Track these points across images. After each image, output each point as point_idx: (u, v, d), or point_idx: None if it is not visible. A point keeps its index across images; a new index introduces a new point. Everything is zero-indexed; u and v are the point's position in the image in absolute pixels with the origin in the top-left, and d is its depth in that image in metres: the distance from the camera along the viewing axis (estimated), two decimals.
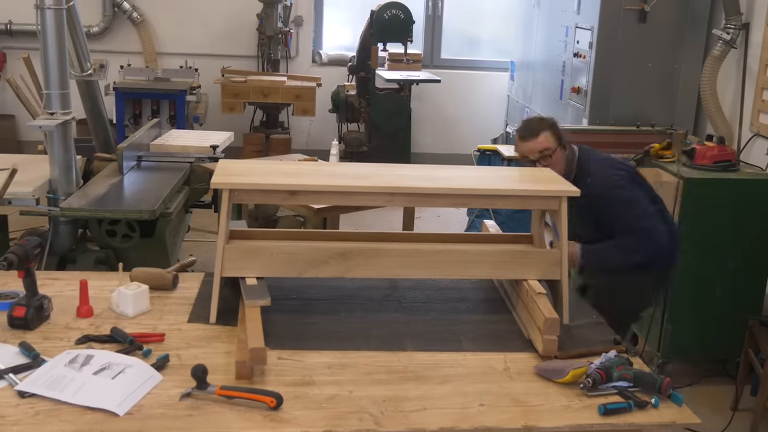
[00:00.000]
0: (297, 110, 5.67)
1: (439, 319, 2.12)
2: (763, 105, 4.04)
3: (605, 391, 1.75)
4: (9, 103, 6.03)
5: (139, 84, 5.43)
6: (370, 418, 1.62)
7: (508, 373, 1.84)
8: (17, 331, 1.90)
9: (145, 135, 3.80)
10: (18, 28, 6.01)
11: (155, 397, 1.65)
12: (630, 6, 4.31)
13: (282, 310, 2.09)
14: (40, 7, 2.89)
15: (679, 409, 1.72)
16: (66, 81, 3.02)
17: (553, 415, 1.67)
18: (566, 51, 4.86)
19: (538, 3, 5.52)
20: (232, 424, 1.57)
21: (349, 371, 1.81)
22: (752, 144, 4.09)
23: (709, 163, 3.24)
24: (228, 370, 1.76)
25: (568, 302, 2.09)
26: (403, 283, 2.33)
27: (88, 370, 1.70)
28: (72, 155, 3.11)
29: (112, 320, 1.99)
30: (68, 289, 2.15)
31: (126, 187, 3.28)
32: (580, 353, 1.90)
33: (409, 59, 5.91)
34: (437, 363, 1.87)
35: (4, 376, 1.68)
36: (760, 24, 4.09)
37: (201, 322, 2.01)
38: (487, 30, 6.95)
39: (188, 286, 2.24)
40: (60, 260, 3.09)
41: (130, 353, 1.80)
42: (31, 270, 1.95)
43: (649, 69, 4.44)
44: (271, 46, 5.91)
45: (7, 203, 2.94)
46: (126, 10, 6.15)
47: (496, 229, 2.47)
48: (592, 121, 4.46)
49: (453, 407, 1.68)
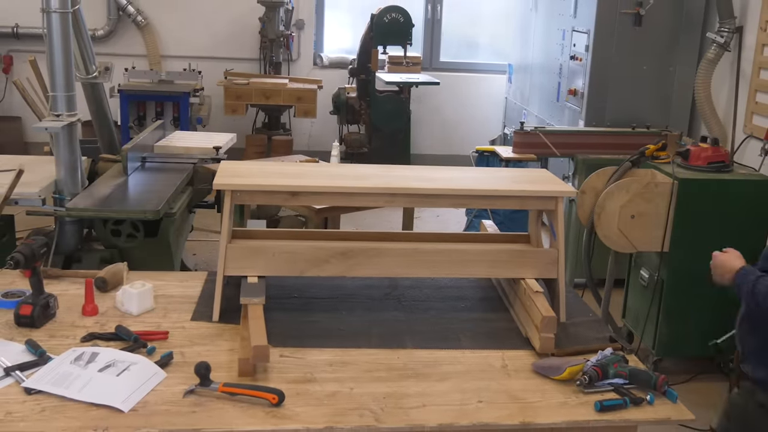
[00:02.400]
0: (298, 112, 5.70)
1: (439, 318, 2.13)
2: (757, 107, 4.07)
3: (601, 388, 1.75)
4: (16, 105, 6.08)
5: (144, 86, 5.46)
6: (371, 414, 1.63)
7: (505, 370, 1.85)
8: (24, 329, 1.91)
9: (149, 136, 3.82)
10: (24, 32, 6.06)
11: (159, 393, 1.66)
12: (625, 10, 4.34)
13: (284, 308, 2.11)
14: (46, 11, 2.90)
15: (673, 405, 1.73)
16: (71, 83, 3.03)
17: (550, 411, 1.68)
18: (563, 54, 4.87)
19: (535, 7, 5.54)
20: (234, 420, 1.58)
21: (349, 368, 1.82)
22: (746, 145, 4.10)
23: (704, 164, 3.24)
24: (231, 367, 1.77)
25: (564, 300, 2.12)
26: (402, 282, 2.35)
27: (93, 367, 1.71)
28: (77, 156, 3.12)
29: (117, 318, 2.00)
30: (74, 288, 2.17)
31: (130, 188, 3.29)
32: (577, 351, 1.92)
33: (408, 62, 5.94)
34: (436, 360, 1.88)
35: (11, 373, 1.69)
36: (754, 27, 4.12)
37: (204, 320, 2.02)
38: (485, 33, 6.98)
39: (192, 284, 2.25)
40: (66, 259, 3.09)
41: (135, 351, 1.81)
42: (37, 269, 1.96)
43: (645, 71, 4.46)
44: (273, 49, 5.94)
45: (14, 203, 2.94)
46: (130, 14, 6.19)
47: (494, 228, 2.48)
48: (589, 123, 4.48)
49: (452, 404, 1.69)
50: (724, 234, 3.19)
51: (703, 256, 3.19)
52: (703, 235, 3.18)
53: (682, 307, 3.26)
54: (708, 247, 3.17)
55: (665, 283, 3.25)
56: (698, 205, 3.15)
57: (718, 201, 3.17)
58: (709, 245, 3.18)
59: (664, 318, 3.28)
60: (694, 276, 3.22)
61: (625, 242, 3.16)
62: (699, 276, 3.22)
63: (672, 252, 3.18)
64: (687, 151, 3.29)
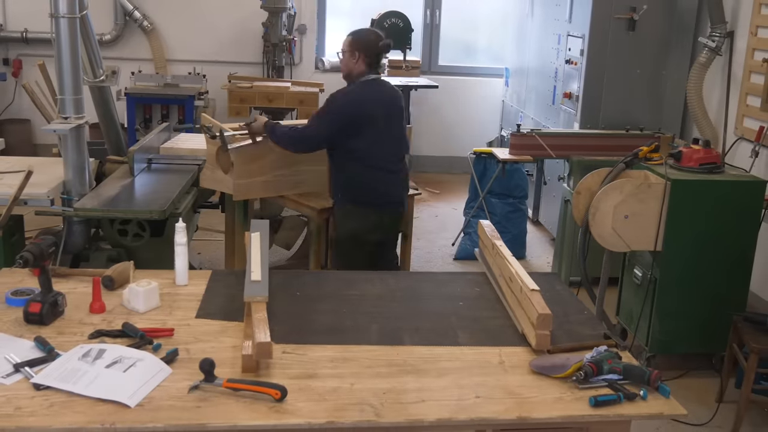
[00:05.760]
0: (300, 115, 5.73)
1: (437, 315, 2.15)
2: (747, 110, 4.09)
3: (596, 383, 1.78)
4: (25, 108, 6.12)
5: (150, 89, 5.50)
6: (371, 409, 1.65)
7: (502, 366, 1.87)
8: (33, 326, 1.94)
9: (155, 138, 3.84)
10: (33, 36, 6.11)
11: (165, 389, 1.68)
12: (619, 15, 4.37)
13: (286, 306, 2.14)
14: (54, 16, 2.93)
15: (666, 400, 1.75)
16: (79, 87, 3.06)
17: (545, 406, 1.70)
18: (558, 58, 4.90)
19: (531, 12, 5.56)
20: (238, 415, 1.61)
21: (350, 365, 1.84)
22: (737, 147, 4.14)
23: (695, 166, 3.26)
24: (235, 363, 1.80)
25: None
26: (402, 281, 2.39)
27: (100, 363, 1.74)
28: (85, 158, 3.15)
29: (124, 316, 2.02)
30: (82, 286, 2.19)
31: (137, 189, 3.32)
32: (572, 347, 1.94)
33: (408, 66, 5.99)
34: (435, 357, 1.90)
35: (21, 369, 1.72)
36: (744, 32, 4.15)
37: (209, 317, 2.04)
38: (483, 38, 7.02)
39: (197, 283, 2.27)
40: (74, 258, 3.12)
41: (141, 347, 1.84)
42: (46, 268, 1.99)
43: (638, 75, 4.49)
44: (275, 53, 5.98)
45: (23, 204, 2.97)
46: (137, 19, 6.24)
47: (492, 229, 2.52)
48: (584, 125, 4.50)
49: (450, 399, 1.71)
50: (715, 233, 3.22)
51: (695, 255, 3.25)
52: (694, 235, 3.21)
53: (675, 305, 3.29)
54: (700, 246, 3.24)
55: (658, 281, 3.27)
56: (690, 205, 3.17)
57: (709, 201, 3.19)
58: (701, 245, 3.25)
59: (657, 315, 3.30)
60: (687, 274, 3.27)
61: (618, 242, 3.18)
62: (691, 275, 3.28)
63: (665, 251, 3.20)
64: (679, 152, 3.31)
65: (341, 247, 3.25)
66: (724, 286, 3.28)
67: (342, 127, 3.07)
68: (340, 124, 3.07)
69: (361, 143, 3.09)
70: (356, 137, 3.08)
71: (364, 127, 3.08)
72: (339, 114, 3.08)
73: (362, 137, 3.08)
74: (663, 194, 3.14)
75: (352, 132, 3.08)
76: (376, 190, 3.16)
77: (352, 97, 3.11)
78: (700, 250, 3.25)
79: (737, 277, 3.29)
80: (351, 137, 3.08)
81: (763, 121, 3.89)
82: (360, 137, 3.08)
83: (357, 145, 3.09)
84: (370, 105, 3.10)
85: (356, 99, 3.10)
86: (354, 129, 3.08)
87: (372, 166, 3.12)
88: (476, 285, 2.39)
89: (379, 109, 3.14)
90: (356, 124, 3.07)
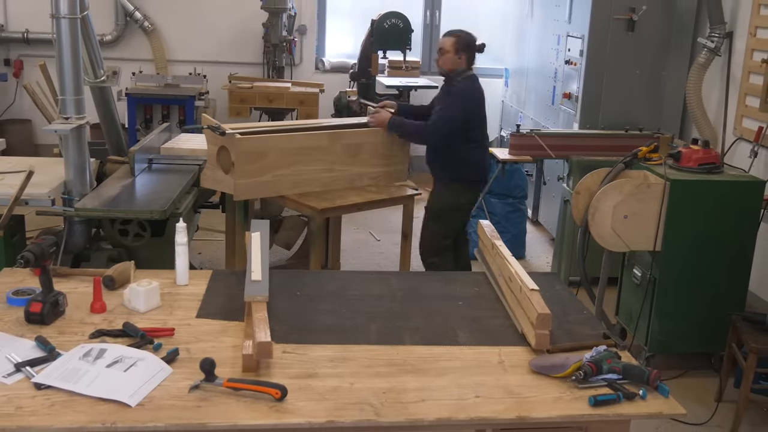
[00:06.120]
0: (301, 115, 5.74)
1: (437, 315, 2.16)
2: (746, 110, 4.09)
3: (595, 383, 1.79)
4: (26, 108, 6.13)
5: (150, 90, 5.52)
6: (371, 409, 1.66)
7: (502, 366, 1.88)
8: (34, 325, 1.95)
9: (155, 139, 3.85)
10: (34, 37, 6.13)
11: (165, 389, 1.69)
12: (619, 15, 4.37)
13: (286, 306, 2.14)
14: (55, 17, 2.93)
15: (665, 400, 1.76)
16: (80, 87, 3.06)
17: (545, 406, 1.71)
18: (558, 58, 4.91)
19: (531, 13, 5.57)
20: (239, 414, 1.61)
21: (350, 364, 1.85)
22: (736, 147, 4.14)
23: (694, 166, 3.27)
24: (235, 363, 1.80)
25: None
26: (402, 281, 2.40)
27: (101, 363, 1.74)
28: (86, 158, 3.15)
29: (125, 315, 2.03)
30: (82, 286, 2.20)
31: (137, 189, 3.32)
32: (572, 347, 1.95)
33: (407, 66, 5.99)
34: (435, 356, 1.91)
35: (22, 368, 1.73)
36: (743, 33, 4.15)
37: (209, 317, 2.05)
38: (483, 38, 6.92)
39: (197, 282, 2.27)
40: (74, 258, 3.12)
41: (142, 347, 1.85)
42: (47, 267, 1.99)
43: (637, 76, 4.49)
44: (276, 53, 5.99)
45: (25, 204, 2.97)
46: (138, 20, 6.25)
47: (491, 229, 2.52)
48: (583, 126, 4.51)
49: (450, 398, 1.72)
50: (715, 234, 3.22)
51: (695, 255, 3.26)
52: (694, 235, 3.21)
53: (674, 305, 3.30)
54: (699, 246, 3.25)
55: (657, 281, 3.28)
56: (689, 205, 3.18)
57: (708, 201, 3.20)
58: (700, 245, 3.26)
59: (656, 315, 3.31)
60: (686, 274, 3.28)
61: (618, 241, 3.18)
62: (690, 275, 3.28)
63: (664, 251, 3.21)
64: (678, 152, 3.32)
65: (446, 217, 3.75)
66: (723, 285, 3.29)
67: (471, 115, 3.63)
68: (470, 112, 3.63)
69: (476, 128, 3.70)
70: (474, 123, 3.68)
71: (481, 114, 3.70)
72: (470, 105, 3.64)
73: (478, 123, 3.70)
74: (662, 194, 3.15)
75: (475, 119, 3.67)
76: (483, 168, 3.82)
77: (474, 91, 3.67)
78: (700, 250, 3.26)
79: (736, 277, 3.30)
80: (471, 123, 3.66)
81: (762, 122, 3.89)
82: (477, 123, 3.70)
83: (473, 130, 3.68)
84: (482, 95, 3.72)
85: (478, 91, 3.69)
86: (476, 116, 3.67)
87: (479, 146, 3.74)
88: (476, 285, 2.40)
89: (484, 98, 3.75)
90: (478, 112, 3.67)
